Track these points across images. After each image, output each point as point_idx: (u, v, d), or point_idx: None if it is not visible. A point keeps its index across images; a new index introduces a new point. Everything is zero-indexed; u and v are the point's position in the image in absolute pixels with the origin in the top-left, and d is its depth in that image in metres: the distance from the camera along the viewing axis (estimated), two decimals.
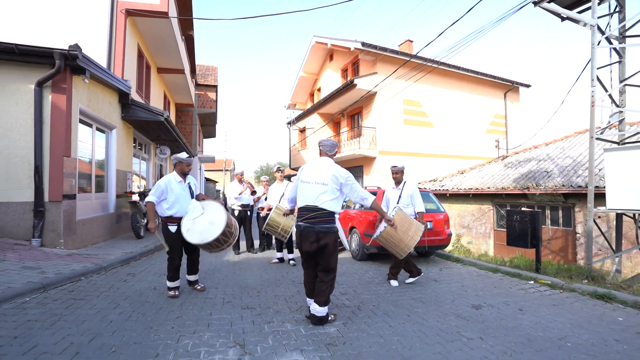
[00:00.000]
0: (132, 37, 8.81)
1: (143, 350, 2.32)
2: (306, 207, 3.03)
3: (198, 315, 3.11)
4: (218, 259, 5.98)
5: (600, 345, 2.79)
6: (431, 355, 2.48)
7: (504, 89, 17.29)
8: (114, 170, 7.39)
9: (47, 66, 5.08)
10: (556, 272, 5.12)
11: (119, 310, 3.11)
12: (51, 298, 3.28)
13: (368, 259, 6.22)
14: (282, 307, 3.47)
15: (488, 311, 3.54)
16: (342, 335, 2.77)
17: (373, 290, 4.25)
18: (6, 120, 5.06)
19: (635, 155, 4.44)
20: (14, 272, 3.67)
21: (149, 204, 3.52)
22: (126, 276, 4.41)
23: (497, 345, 2.70)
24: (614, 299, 3.96)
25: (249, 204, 6.46)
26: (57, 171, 5.17)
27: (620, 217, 5.24)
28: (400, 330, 2.93)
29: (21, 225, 5.09)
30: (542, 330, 3.06)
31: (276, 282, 4.50)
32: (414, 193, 4.57)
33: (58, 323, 2.69)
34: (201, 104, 18.16)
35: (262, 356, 2.34)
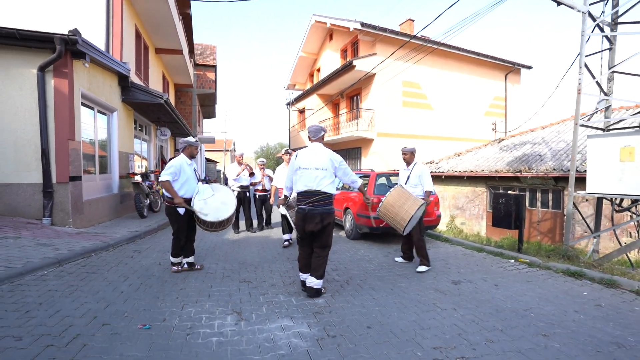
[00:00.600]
0: (129, 18, 8.77)
1: (152, 316, 2.65)
2: (308, 191, 3.26)
3: (200, 287, 3.43)
4: (218, 238, 6.31)
5: (560, 315, 3.11)
6: (406, 322, 2.81)
7: (504, 70, 17.11)
8: (117, 152, 7.61)
9: (48, 51, 5.19)
10: (536, 251, 5.44)
11: (128, 282, 3.44)
12: (66, 272, 3.60)
13: (361, 238, 6.55)
14: (277, 281, 3.80)
15: (466, 286, 3.86)
16: (329, 306, 3.10)
17: (362, 266, 4.58)
18: (11, 104, 5.23)
19: (614, 142, 4.63)
20: (30, 248, 3.99)
21: (165, 182, 3.67)
22: (132, 253, 4.74)
23: (467, 315, 3.02)
24: (583, 276, 4.28)
25: (247, 185, 6.71)
26: (62, 154, 5.39)
27: (601, 201, 5.50)
28: (382, 302, 3.26)
29: (32, 205, 5.38)
30: (511, 303, 3.38)
31: (273, 259, 4.83)
32: (422, 173, 4.59)
33: (75, 293, 3.02)
34: (200, 84, 18.06)
35: (256, 322, 2.66)
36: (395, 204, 4.29)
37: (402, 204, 4.26)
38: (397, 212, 4.27)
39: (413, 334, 2.59)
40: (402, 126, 14.43)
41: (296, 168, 3.38)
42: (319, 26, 16.77)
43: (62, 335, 2.23)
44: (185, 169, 3.86)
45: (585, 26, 4.90)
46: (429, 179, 4.61)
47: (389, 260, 4.97)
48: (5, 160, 5.25)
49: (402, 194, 4.35)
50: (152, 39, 11.34)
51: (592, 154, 4.91)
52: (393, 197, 4.34)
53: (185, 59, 13.11)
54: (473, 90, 16.27)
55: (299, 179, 3.35)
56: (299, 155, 3.44)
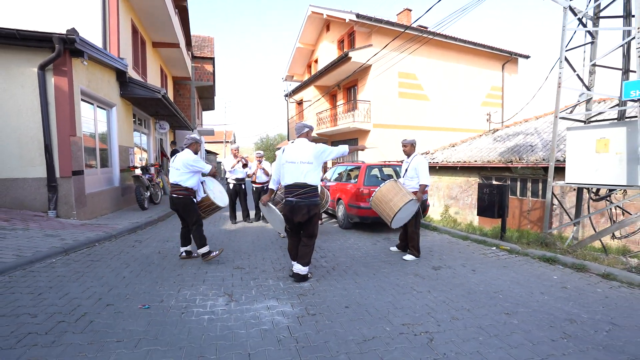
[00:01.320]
0: (125, 13, 8.89)
1: (151, 298, 2.94)
2: (295, 184, 3.44)
3: (196, 273, 3.72)
4: (216, 228, 6.60)
5: (526, 296, 3.38)
6: (382, 303, 3.09)
7: (502, 60, 17.11)
8: (117, 146, 7.85)
9: (47, 50, 5.38)
10: (517, 239, 5.70)
11: (130, 269, 3.73)
12: (73, 260, 3.90)
13: (352, 228, 6.82)
14: (267, 267, 4.08)
15: (444, 272, 4.14)
16: (313, 289, 3.39)
17: (350, 254, 4.86)
18: (14, 102, 5.46)
19: (591, 134, 4.83)
20: (38, 238, 4.28)
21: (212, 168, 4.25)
22: (134, 242, 5.04)
23: (439, 297, 3.30)
24: (557, 261, 4.55)
25: (243, 177, 6.93)
26: (65, 149, 5.64)
27: (581, 190, 5.73)
28: (363, 285, 3.54)
29: (37, 198, 5.66)
30: (484, 286, 3.65)
31: (266, 247, 5.12)
32: (418, 165, 4.50)
33: (82, 278, 3.31)
34: (198, 76, 18.15)
35: (245, 302, 2.95)
36: (384, 197, 4.45)
37: (390, 198, 4.41)
38: (385, 205, 4.45)
39: (386, 312, 2.87)
40: (398, 117, 14.57)
41: (283, 162, 3.56)
42: (315, 17, 16.74)
43: (71, 314, 2.52)
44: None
45: (566, 21, 5.04)
46: (424, 171, 4.49)
47: (376, 248, 5.24)
48: (11, 156, 5.50)
49: (393, 188, 4.47)
50: (149, 33, 11.44)
51: (570, 145, 5.12)
52: (383, 191, 4.49)
53: (182, 52, 13.20)
54: (470, 80, 16.32)
55: (286, 172, 3.53)
56: (285, 150, 3.62)
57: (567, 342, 2.48)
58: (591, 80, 5.46)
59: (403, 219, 4.48)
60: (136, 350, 2.09)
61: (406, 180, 4.65)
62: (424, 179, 4.46)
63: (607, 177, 4.70)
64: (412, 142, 4.69)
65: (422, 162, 4.53)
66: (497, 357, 2.23)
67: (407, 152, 4.71)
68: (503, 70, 17.33)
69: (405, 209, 4.35)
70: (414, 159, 4.62)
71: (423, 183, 4.46)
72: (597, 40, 5.38)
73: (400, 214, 4.35)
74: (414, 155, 4.66)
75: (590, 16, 5.37)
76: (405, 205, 4.27)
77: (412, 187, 4.58)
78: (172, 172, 4.10)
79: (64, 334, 2.22)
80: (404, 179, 4.71)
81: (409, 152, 4.69)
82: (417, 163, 4.55)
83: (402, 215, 4.40)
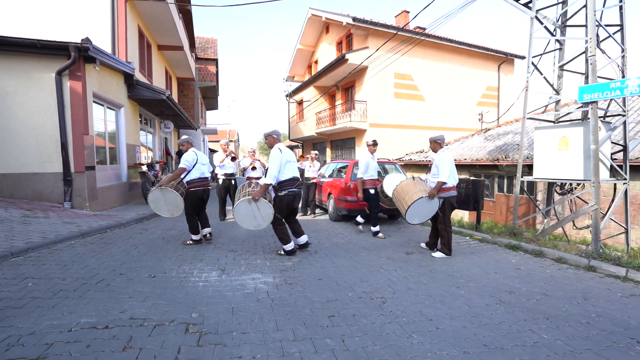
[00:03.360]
0: (132, 20, 9.49)
1: (156, 270, 3.51)
2: (295, 177, 4.33)
3: (194, 254, 4.29)
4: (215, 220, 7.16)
5: (481, 275, 3.88)
6: (351, 277, 3.62)
7: (497, 60, 17.48)
8: (124, 145, 8.46)
9: (64, 57, 5.97)
10: (490, 229, 6.20)
11: (138, 250, 4.31)
12: (89, 242, 4.49)
13: (342, 220, 7.35)
14: (258, 251, 4.63)
15: (415, 256, 4.64)
16: (295, 266, 3.93)
17: (334, 241, 5.39)
18: (34, 104, 6.07)
19: (555, 133, 5.31)
20: (58, 225, 4.88)
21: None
22: (141, 230, 5.63)
23: (403, 274, 3.81)
24: (520, 248, 5.05)
25: (233, 173, 7.03)
26: (79, 147, 6.24)
27: (552, 185, 6.20)
28: (339, 264, 4.07)
29: (54, 191, 6.27)
30: (446, 267, 4.16)
31: (259, 235, 5.67)
32: (439, 162, 4.46)
33: (98, 255, 3.90)
34: (202, 77, 18.75)
35: (234, 275, 3.50)
36: (399, 194, 4.65)
37: (403, 196, 4.61)
38: (399, 201, 4.64)
39: (352, 284, 3.40)
40: (394, 117, 15.05)
41: (285, 162, 4.28)
42: (315, 19, 17.25)
43: (92, 279, 3.10)
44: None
45: (532, 29, 5.51)
46: (444, 168, 4.38)
47: (359, 237, 5.77)
48: (31, 153, 6.12)
49: (409, 185, 4.59)
50: (154, 36, 12.05)
51: (537, 143, 5.60)
52: (400, 187, 4.63)
53: (186, 54, 13.80)
54: (465, 80, 16.72)
55: (288, 169, 4.31)
56: (283, 151, 4.32)
57: (498, 306, 2.99)
58: (559, 84, 5.92)
59: (422, 215, 4.51)
60: (144, 303, 2.65)
61: (430, 178, 4.64)
62: (443, 175, 4.37)
63: (568, 172, 5.18)
64: (436, 139, 4.56)
65: (443, 159, 4.44)
66: (434, 314, 2.75)
67: (433, 149, 4.65)
68: (499, 70, 17.69)
69: (420, 206, 4.36)
70: (438, 156, 4.54)
71: (441, 180, 4.38)
72: (565, 47, 5.84)
73: (414, 210, 4.39)
74: (441, 151, 4.55)
75: (559, 25, 5.83)
76: (416, 202, 4.29)
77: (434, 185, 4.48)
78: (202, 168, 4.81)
79: (88, 292, 2.80)
80: (430, 176, 4.68)
81: (434, 149, 4.62)
82: (439, 160, 4.48)
83: (418, 211, 4.43)
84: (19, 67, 5.99)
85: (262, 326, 2.35)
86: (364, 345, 2.19)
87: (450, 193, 4.55)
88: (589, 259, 4.28)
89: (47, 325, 2.20)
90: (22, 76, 6.02)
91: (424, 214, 4.53)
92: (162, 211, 4.61)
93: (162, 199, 4.53)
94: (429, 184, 4.65)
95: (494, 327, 2.58)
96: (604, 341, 2.43)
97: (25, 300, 2.57)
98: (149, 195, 4.56)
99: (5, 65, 5.95)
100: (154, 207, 4.61)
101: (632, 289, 3.56)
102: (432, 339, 2.34)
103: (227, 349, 2.01)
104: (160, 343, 2.03)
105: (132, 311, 2.48)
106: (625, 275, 3.90)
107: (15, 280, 2.95)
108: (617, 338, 2.48)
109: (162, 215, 4.64)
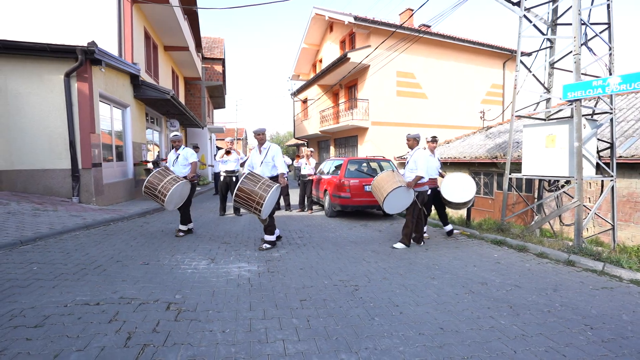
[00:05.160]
0: (138, 22, 9.85)
1: (150, 258, 3.79)
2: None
3: (189, 245, 4.57)
4: (214, 214, 7.46)
5: (460, 268, 4.04)
6: (332, 267, 3.83)
7: (503, 58, 17.32)
8: (131, 143, 8.83)
9: (71, 60, 6.33)
10: (479, 225, 6.31)
11: (137, 241, 4.62)
12: (92, 233, 4.82)
13: (336, 216, 7.56)
14: (250, 243, 4.89)
15: (400, 250, 4.82)
16: (281, 257, 4.16)
17: (324, 235, 5.61)
18: (45, 105, 6.45)
19: (542, 131, 5.39)
20: (65, 217, 5.23)
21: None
22: (142, 223, 5.96)
23: (382, 265, 4.00)
24: (505, 243, 5.17)
25: (234, 170, 7.34)
26: (86, 145, 6.60)
27: (541, 181, 6.27)
28: (323, 256, 4.29)
29: (63, 186, 6.65)
30: (427, 260, 4.33)
31: (254, 229, 5.92)
32: (417, 159, 4.76)
33: (99, 245, 4.21)
34: (208, 76, 19.13)
35: (222, 264, 3.75)
36: (379, 184, 4.88)
37: (382, 185, 4.83)
38: (378, 190, 4.87)
39: (331, 273, 3.61)
40: (396, 115, 15.12)
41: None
42: (319, 18, 17.41)
43: (91, 265, 3.40)
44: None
45: (521, 28, 5.59)
46: (421, 164, 4.71)
47: (350, 232, 5.97)
48: (43, 151, 6.51)
49: (387, 176, 4.82)
50: (160, 38, 12.42)
51: (526, 141, 5.69)
52: (379, 178, 4.88)
53: (192, 54, 14.15)
54: (470, 78, 16.64)
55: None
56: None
57: (467, 296, 3.16)
58: (550, 82, 5.99)
59: (398, 205, 4.76)
60: (134, 286, 2.92)
61: (407, 172, 4.90)
62: (420, 170, 4.70)
63: (554, 169, 5.26)
64: (414, 137, 4.91)
65: (420, 155, 4.79)
66: (401, 301, 2.94)
67: (410, 146, 4.94)
68: (504, 68, 17.53)
69: (397, 196, 4.62)
70: (415, 152, 4.86)
71: (419, 174, 4.70)
72: (555, 46, 5.90)
73: (391, 199, 4.64)
74: (416, 149, 4.89)
75: (550, 23, 5.89)
76: (394, 190, 4.55)
77: (411, 178, 4.77)
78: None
79: (86, 275, 3.09)
80: (405, 170, 4.98)
81: (412, 145, 4.91)
82: (417, 156, 4.79)
83: (395, 202, 4.69)
84: (31, 70, 6.38)
85: (236, 307, 2.59)
86: (326, 325, 2.40)
87: (424, 188, 4.90)
88: (569, 254, 4.39)
89: (46, 301, 2.49)
90: (34, 78, 6.40)
91: (400, 205, 4.76)
92: (169, 205, 4.78)
93: (179, 192, 4.84)
94: (405, 178, 4.88)
95: (456, 313, 2.76)
96: (558, 327, 2.58)
97: (30, 281, 2.87)
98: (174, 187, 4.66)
99: (19, 68, 6.34)
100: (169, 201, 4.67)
101: (605, 282, 3.67)
102: (393, 321, 2.54)
103: (200, 324, 2.26)
104: (143, 317, 2.30)
105: (123, 292, 2.75)
106: (601, 270, 4.00)
107: (22, 265, 3.27)
108: (572, 325, 2.63)
109: (168, 208, 4.84)
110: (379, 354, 2.07)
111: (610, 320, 2.70)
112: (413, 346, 2.18)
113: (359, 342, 2.19)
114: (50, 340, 1.98)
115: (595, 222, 6.88)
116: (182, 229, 5.14)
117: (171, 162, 5.24)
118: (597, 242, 6.43)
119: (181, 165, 5.21)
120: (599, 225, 6.53)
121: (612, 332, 2.50)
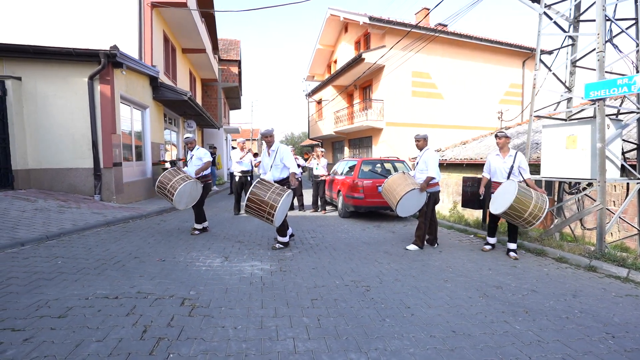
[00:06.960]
0: (157, 25, 10.14)
1: (166, 255, 3.91)
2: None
3: (204, 243, 4.67)
4: (229, 214, 7.59)
5: (474, 271, 3.96)
6: (344, 267, 3.83)
7: (522, 57, 16.84)
8: (149, 143, 9.10)
9: (95, 63, 6.59)
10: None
11: (154, 238, 4.76)
12: (112, 230, 5.01)
13: (350, 217, 7.55)
14: (263, 242, 4.95)
15: (413, 252, 4.77)
16: (294, 256, 4.20)
17: (337, 236, 5.61)
18: (70, 106, 6.74)
19: (563, 132, 5.21)
20: (87, 214, 5.45)
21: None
22: (159, 221, 6.13)
23: (395, 267, 3.97)
24: (522, 247, 5.04)
25: (248, 169, 7.53)
26: (107, 145, 6.86)
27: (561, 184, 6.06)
28: (335, 256, 4.30)
29: (86, 185, 6.93)
30: (440, 262, 4.27)
31: (267, 229, 5.98)
32: (428, 159, 4.71)
33: (118, 241, 4.37)
34: (225, 78, 19.48)
35: (236, 262, 3.82)
36: (390, 187, 4.82)
37: (395, 188, 4.77)
38: (390, 193, 4.81)
39: (343, 273, 3.62)
40: (411, 115, 14.94)
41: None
42: (333, 19, 17.42)
43: (110, 260, 3.54)
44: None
45: (540, 26, 5.42)
46: (433, 165, 4.65)
47: (363, 233, 5.95)
48: (67, 150, 6.80)
49: (399, 179, 4.74)
50: (179, 40, 12.74)
51: (545, 142, 5.51)
52: (391, 181, 4.79)
53: (209, 57, 14.45)
54: (487, 78, 16.26)
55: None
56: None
57: (481, 299, 3.10)
58: (572, 81, 5.78)
59: (411, 208, 4.67)
60: (151, 281, 3.02)
61: (417, 173, 4.87)
62: (431, 171, 4.64)
63: (575, 171, 5.08)
64: (424, 137, 4.84)
65: (431, 156, 4.72)
66: (413, 303, 2.92)
67: (419, 147, 4.87)
68: (524, 67, 17.04)
69: (410, 198, 4.54)
70: (425, 153, 4.80)
71: (430, 175, 4.65)
72: (577, 43, 5.70)
73: (404, 202, 4.55)
74: (425, 149, 4.83)
75: (572, 20, 5.69)
76: (407, 193, 4.47)
77: (422, 179, 4.71)
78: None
79: (106, 270, 3.22)
80: (415, 172, 4.93)
81: (421, 146, 4.85)
82: (427, 157, 4.74)
83: (407, 204, 4.60)
84: (57, 73, 6.68)
85: (248, 304, 2.64)
86: (336, 324, 2.41)
87: (435, 188, 4.83)
88: (591, 259, 4.23)
89: (69, 294, 2.61)
90: (59, 81, 6.70)
91: (412, 207, 4.69)
92: (179, 204, 4.87)
93: (188, 191, 4.90)
94: (416, 179, 4.83)
95: (469, 317, 2.71)
96: (576, 334, 2.50)
97: (55, 274, 3.02)
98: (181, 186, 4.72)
99: (47, 72, 6.65)
100: (177, 200, 4.75)
101: (629, 289, 3.52)
102: (404, 323, 2.52)
103: (213, 320, 2.32)
104: (158, 312, 2.37)
105: (140, 287, 2.85)
106: (626, 277, 3.84)
107: (48, 259, 3.44)
108: (592, 332, 2.54)
109: (179, 207, 4.96)
110: (389, 354, 2.06)
111: (635, 329, 2.59)
112: (424, 348, 2.16)
113: (369, 342, 2.19)
114: (72, 331, 2.08)
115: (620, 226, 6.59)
116: (197, 228, 5.26)
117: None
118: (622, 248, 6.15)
119: (195, 165, 5.32)
120: (624, 229, 6.24)
121: (635, 341, 2.40)
